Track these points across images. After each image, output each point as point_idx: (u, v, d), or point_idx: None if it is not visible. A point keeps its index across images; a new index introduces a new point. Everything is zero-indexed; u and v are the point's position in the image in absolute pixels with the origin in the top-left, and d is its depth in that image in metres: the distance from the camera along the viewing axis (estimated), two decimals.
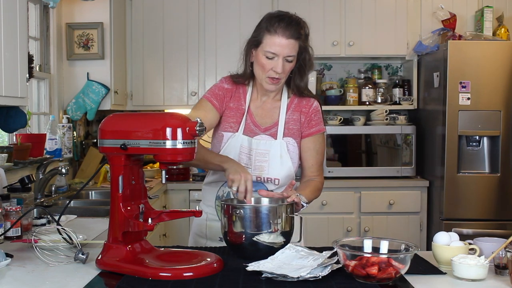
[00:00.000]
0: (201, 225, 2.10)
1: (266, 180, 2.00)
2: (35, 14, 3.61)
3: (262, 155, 1.99)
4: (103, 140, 1.57)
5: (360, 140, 4.23)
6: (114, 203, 1.57)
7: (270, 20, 1.91)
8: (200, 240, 2.10)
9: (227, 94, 2.05)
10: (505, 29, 4.08)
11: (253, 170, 1.98)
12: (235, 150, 1.99)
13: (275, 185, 2.00)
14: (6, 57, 2.13)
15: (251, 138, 2.00)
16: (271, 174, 1.99)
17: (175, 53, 4.33)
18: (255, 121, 2.03)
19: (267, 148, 1.99)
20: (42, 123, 3.67)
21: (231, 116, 2.04)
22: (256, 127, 2.03)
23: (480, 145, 3.81)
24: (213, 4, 4.30)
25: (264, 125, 2.03)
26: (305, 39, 1.94)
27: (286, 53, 1.89)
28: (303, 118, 2.04)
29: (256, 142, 2.00)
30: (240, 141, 2.00)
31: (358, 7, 4.27)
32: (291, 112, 2.04)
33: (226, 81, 2.08)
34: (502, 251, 1.49)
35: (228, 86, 2.07)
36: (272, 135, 2.02)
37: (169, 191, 4.02)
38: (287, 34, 1.87)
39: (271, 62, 1.90)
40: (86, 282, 1.45)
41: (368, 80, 4.47)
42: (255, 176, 1.98)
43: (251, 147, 1.99)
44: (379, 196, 4.03)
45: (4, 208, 1.95)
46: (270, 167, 1.98)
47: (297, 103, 2.05)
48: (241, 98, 2.05)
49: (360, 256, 1.43)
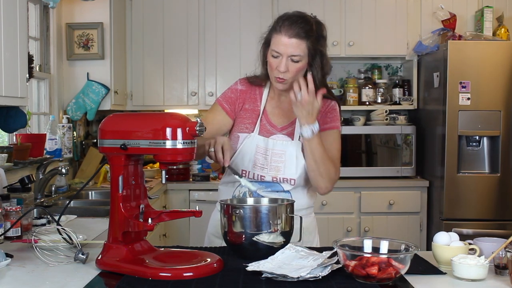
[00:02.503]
0: (216, 226, 2.05)
1: (282, 181, 1.98)
2: (35, 14, 3.61)
3: (278, 156, 1.97)
4: (103, 140, 1.57)
5: (360, 140, 4.23)
6: (114, 203, 1.57)
7: (278, 19, 1.90)
8: (216, 240, 2.07)
9: (240, 96, 2.04)
10: (505, 29, 4.08)
11: (269, 170, 1.97)
12: (250, 150, 1.98)
13: (291, 185, 1.98)
14: (6, 57, 2.13)
15: (267, 138, 1.99)
16: (287, 175, 1.97)
17: (175, 53, 4.33)
18: (270, 121, 2.02)
19: (283, 149, 1.97)
20: (42, 123, 3.67)
21: (246, 118, 2.03)
22: (272, 127, 2.01)
23: (480, 145, 3.81)
24: (213, 4, 4.30)
25: (281, 124, 2.02)
26: (316, 40, 1.89)
27: (289, 52, 1.86)
28: (318, 116, 1.99)
29: (272, 143, 1.98)
30: (256, 141, 1.99)
31: (358, 7, 4.27)
32: None
33: (241, 83, 2.07)
34: (502, 251, 1.49)
35: (242, 88, 2.06)
36: (289, 134, 2.00)
37: (169, 191, 4.02)
38: (290, 33, 1.85)
39: (276, 61, 1.89)
40: (86, 282, 1.45)
41: (368, 80, 4.47)
42: (271, 176, 1.97)
43: (267, 147, 1.98)
44: (379, 196, 4.03)
45: (4, 208, 1.94)
46: (286, 168, 1.97)
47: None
48: (257, 99, 2.04)
49: (360, 256, 1.43)
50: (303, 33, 1.86)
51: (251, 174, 1.99)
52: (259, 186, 1.97)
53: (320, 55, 1.92)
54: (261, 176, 1.98)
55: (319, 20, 1.95)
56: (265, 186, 1.98)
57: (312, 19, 1.92)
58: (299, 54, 1.87)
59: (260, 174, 1.98)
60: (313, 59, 1.91)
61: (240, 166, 1.99)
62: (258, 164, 1.97)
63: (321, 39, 1.92)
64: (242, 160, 1.99)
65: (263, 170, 1.98)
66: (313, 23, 1.90)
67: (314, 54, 1.90)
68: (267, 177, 1.98)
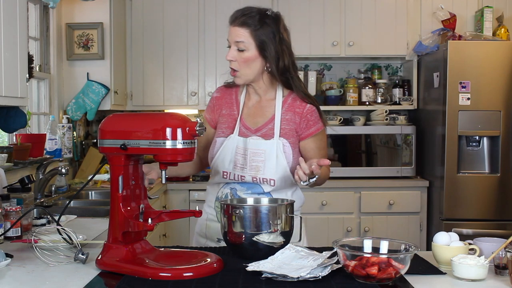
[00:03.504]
0: (201, 224, 2.12)
1: (262, 181, 1.97)
2: (35, 14, 3.61)
3: (257, 155, 1.97)
4: (103, 140, 1.57)
5: (360, 140, 4.23)
6: (114, 203, 1.57)
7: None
8: (200, 239, 2.12)
9: (217, 103, 2.10)
10: (505, 29, 4.08)
11: (249, 170, 1.97)
12: (231, 151, 1.99)
13: (271, 186, 1.97)
14: (6, 57, 2.14)
15: (246, 138, 1.99)
16: (266, 175, 1.96)
17: (175, 53, 4.33)
18: (245, 123, 2.03)
19: (262, 148, 1.97)
20: (42, 123, 3.67)
21: (223, 122, 2.06)
22: (247, 129, 2.02)
23: (480, 145, 3.81)
24: (213, 4, 4.30)
25: (255, 125, 2.02)
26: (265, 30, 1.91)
27: (232, 39, 1.95)
28: (298, 119, 2.00)
29: (251, 142, 1.98)
30: (236, 142, 1.99)
31: (358, 7, 4.27)
32: (285, 111, 2.00)
33: (217, 91, 2.15)
34: (502, 251, 1.49)
35: (218, 95, 2.12)
36: (264, 135, 1.99)
37: (169, 191, 4.02)
38: (235, 22, 1.95)
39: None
40: (86, 282, 1.45)
41: (368, 80, 4.47)
42: (251, 177, 1.97)
43: (246, 147, 1.98)
44: (379, 196, 4.03)
45: (4, 208, 1.95)
46: (266, 167, 1.96)
47: (291, 102, 2.01)
48: (233, 103, 2.07)
49: (360, 256, 1.43)
50: (245, 21, 1.94)
51: (232, 175, 1.99)
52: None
53: (271, 47, 1.92)
54: (241, 177, 1.98)
55: (275, 14, 1.97)
56: (246, 188, 1.98)
57: (263, 11, 1.96)
58: (242, 41, 1.92)
59: (240, 175, 1.98)
60: (263, 50, 1.92)
61: (221, 168, 2.00)
62: (238, 164, 1.98)
63: (273, 31, 1.93)
64: (223, 162, 2.00)
65: (243, 170, 1.97)
66: (263, 14, 1.94)
67: (263, 45, 1.92)
68: (247, 177, 1.97)
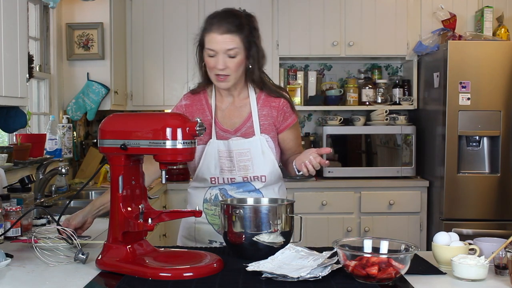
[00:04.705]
0: (189, 228, 2.08)
1: (252, 179, 1.97)
2: (35, 14, 3.61)
3: (243, 155, 1.96)
4: (103, 140, 1.57)
5: (360, 140, 4.23)
6: (114, 203, 1.57)
7: (207, 19, 1.93)
8: (188, 243, 2.08)
9: (186, 111, 2.04)
10: (505, 29, 4.08)
11: (238, 171, 1.96)
12: (214, 157, 1.97)
13: (262, 182, 1.98)
14: (6, 57, 2.13)
15: (226, 140, 1.97)
16: (256, 172, 1.96)
17: (175, 53, 4.33)
18: (222, 127, 2.00)
19: (247, 147, 1.96)
20: (42, 123, 3.67)
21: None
22: (225, 132, 2.00)
23: (480, 145, 3.81)
24: (213, 4, 4.30)
25: (233, 126, 2.00)
26: (250, 32, 1.92)
27: (223, 48, 1.88)
28: (275, 113, 2.00)
29: (234, 143, 1.97)
30: (216, 147, 1.97)
31: (358, 7, 4.27)
32: (261, 107, 2.00)
33: (185, 98, 2.08)
34: (502, 251, 1.49)
35: (187, 102, 2.06)
36: (244, 135, 1.98)
37: (169, 191, 4.02)
38: (221, 29, 1.87)
39: (213, 60, 1.90)
40: (86, 282, 1.45)
41: (368, 80, 4.47)
42: (241, 177, 1.96)
43: (230, 149, 1.96)
44: (379, 196, 4.03)
45: (4, 208, 1.94)
46: (254, 165, 1.96)
47: (265, 98, 2.02)
48: (204, 108, 2.04)
49: (360, 256, 1.43)
50: (233, 27, 1.89)
51: (220, 180, 1.98)
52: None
53: (255, 47, 1.94)
54: (231, 179, 1.97)
55: (249, 13, 1.97)
56: (236, 187, 1.98)
57: (241, 13, 1.95)
58: (234, 48, 1.89)
59: (229, 177, 1.97)
60: (249, 52, 1.93)
61: (207, 175, 1.98)
62: (224, 168, 1.96)
63: (254, 31, 1.95)
64: (208, 169, 1.98)
65: (231, 172, 1.96)
66: (242, 16, 1.93)
67: (250, 46, 1.93)
68: (237, 178, 1.97)
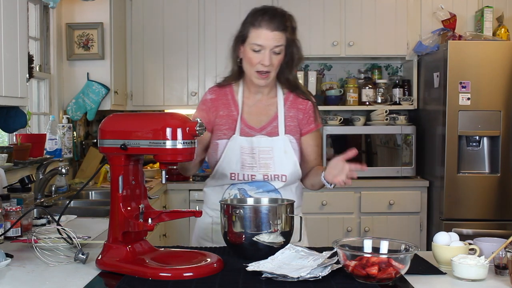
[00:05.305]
0: (206, 229, 2.07)
1: (273, 178, 1.97)
2: (35, 14, 3.61)
3: (266, 152, 1.96)
4: (103, 140, 1.57)
5: (360, 140, 4.23)
6: (114, 203, 1.57)
7: (254, 14, 1.94)
8: (205, 243, 2.06)
9: (212, 105, 2.03)
10: (505, 29, 4.08)
11: (259, 168, 1.96)
12: (236, 152, 1.96)
13: (282, 182, 1.97)
14: (6, 57, 2.13)
15: (250, 137, 1.98)
16: (277, 171, 1.96)
17: (175, 53, 4.33)
18: (248, 123, 2.00)
19: (270, 145, 1.97)
20: (42, 123, 3.67)
21: (222, 124, 2.01)
22: (250, 129, 2.00)
23: (480, 145, 3.80)
24: (213, 4, 4.31)
25: (259, 124, 2.01)
26: (292, 31, 1.95)
27: (272, 44, 1.89)
28: (301, 115, 2.02)
29: (257, 140, 1.97)
30: (239, 143, 1.97)
31: (358, 7, 4.27)
32: (288, 108, 2.02)
33: (210, 92, 2.07)
34: (502, 251, 1.49)
35: (212, 96, 2.05)
36: (269, 134, 1.99)
37: (169, 191, 4.02)
38: (272, 26, 1.89)
39: (258, 56, 1.91)
40: (86, 282, 1.45)
41: (368, 80, 4.47)
42: (262, 174, 1.96)
43: (252, 146, 1.96)
44: (379, 196, 4.03)
45: (4, 208, 1.95)
46: (276, 164, 1.96)
47: (293, 100, 2.04)
48: (230, 103, 2.03)
49: (360, 256, 1.43)
50: (282, 25, 1.91)
51: (240, 176, 1.97)
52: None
53: (295, 47, 1.97)
54: (251, 176, 1.97)
55: (290, 13, 1.99)
56: (256, 187, 1.97)
57: (285, 12, 1.97)
58: (281, 45, 1.91)
59: (250, 174, 1.97)
60: (288, 50, 1.95)
61: (228, 170, 1.98)
62: (246, 164, 1.96)
63: (294, 31, 1.97)
64: (229, 164, 1.97)
65: (252, 169, 1.96)
66: (287, 16, 1.95)
67: (290, 46, 1.95)
68: (258, 175, 1.96)
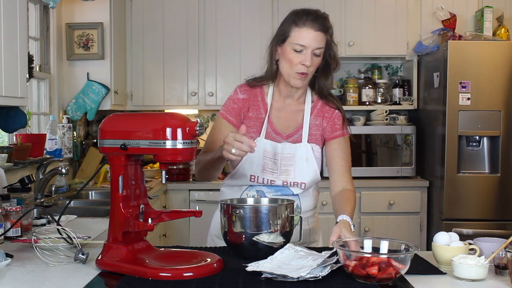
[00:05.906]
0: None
1: (292, 184, 1.95)
2: (35, 14, 3.61)
3: (287, 159, 1.94)
4: (103, 140, 1.57)
5: (360, 140, 4.23)
6: (114, 203, 1.57)
7: (297, 14, 1.90)
8: (221, 243, 2.01)
9: (244, 105, 1.99)
10: (505, 29, 4.08)
11: (279, 174, 1.94)
12: (258, 155, 1.93)
13: (301, 189, 1.96)
14: (6, 57, 2.13)
15: (274, 142, 1.96)
16: (297, 178, 1.95)
17: (175, 53, 4.33)
18: (276, 128, 1.98)
19: (292, 152, 1.95)
20: (42, 123, 3.67)
21: (250, 126, 1.98)
22: (277, 134, 1.98)
23: (480, 145, 3.81)
24: (213, 4, 4.30)
25: (287, 130, 1.98)
26: (331, 34, 1.94)
27: (315, 45, 1.86)
28: (325, 123, 2.00)
29: (281, 146, 1.95)
30: (263, 146, 1.94)
31: (358, 7, 4.27)
32: (314, 116, 2.00)
33: (241, 91, 2.01)
34: (502, 251, 1.49)
35: (243, 96, 2.00)
36: (295, 141, 1.97)
37: (169, 191, 4.02)
38: (316, 26, 1.86)
39: (299, 56, 1.87)
40: (86, 282, 1.45)
41: (368, 80, 4.47)
42: (281, 181, 1.95)
43: (276, 152, 1.95)
44: (379, 196, 4.03)
45: (4, 208, 1.95)
46: (296, 171, 1.94)
47: (320, 108, 2.01)
48: (259, 106, 2.00)
49: (360, 256, 1.43)
50: (325, 27, 1.89)
51: (260, 179, 1.96)
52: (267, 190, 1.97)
53: (332, 50, 1.95)
54: (271, 181, 1.95)
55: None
56: (275, 191, 1.96)
57: (327, 15, 1.96)
58: (322, 47, 1.89)
59: (270, 179, 1.95)
60: (326, 53, 1.93)
61: (249, 171, 1.96)
62: (267, 168, 1.94)
63: (332, 34, 1.96)
64: (251, 165, 1.95)
65: (273, 174, 1.95)
66: (328, 18, 1.94)
67: (329, 49, 1.94)
68: (277, 181, 1.95)
